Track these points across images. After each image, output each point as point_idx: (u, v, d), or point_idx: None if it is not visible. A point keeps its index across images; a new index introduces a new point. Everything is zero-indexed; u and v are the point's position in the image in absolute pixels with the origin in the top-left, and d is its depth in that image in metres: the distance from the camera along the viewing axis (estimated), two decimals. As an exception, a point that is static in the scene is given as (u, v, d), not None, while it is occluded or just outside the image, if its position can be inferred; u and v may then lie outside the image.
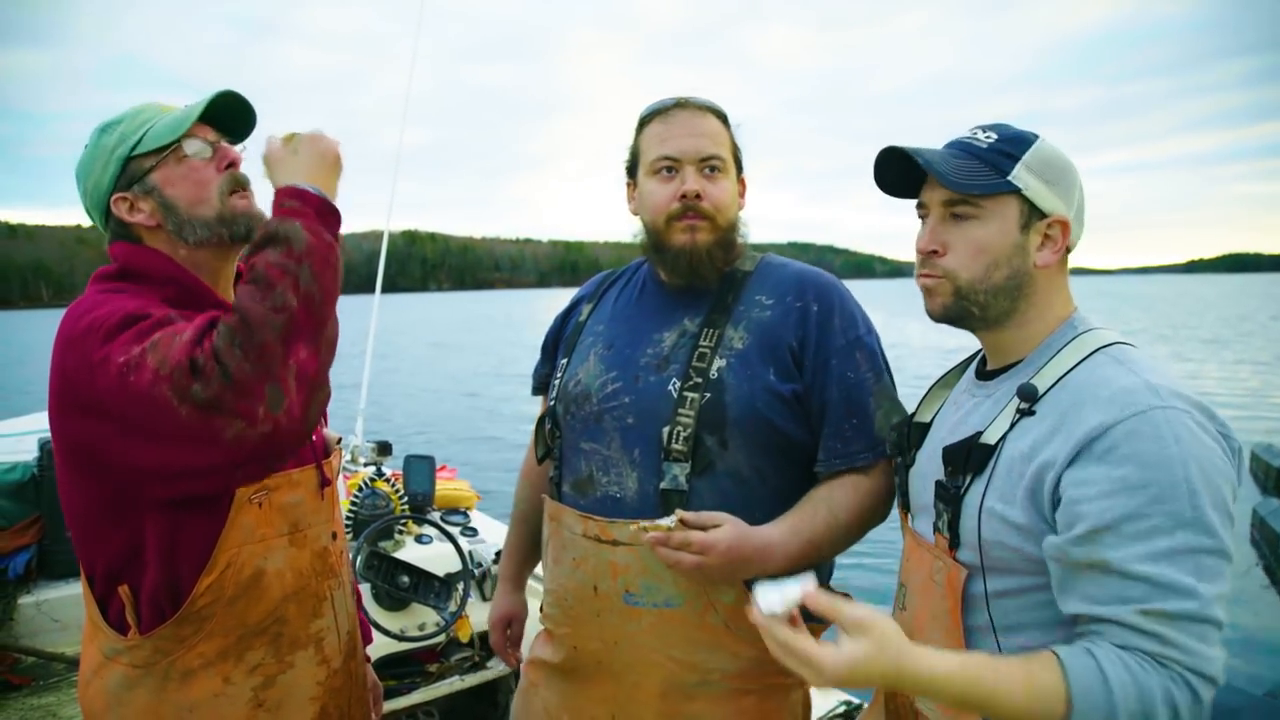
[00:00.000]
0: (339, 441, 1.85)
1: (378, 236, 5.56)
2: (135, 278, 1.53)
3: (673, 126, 1.79)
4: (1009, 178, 1.31)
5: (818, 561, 1.70)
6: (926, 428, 1.55)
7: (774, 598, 1.19)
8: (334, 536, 1.71)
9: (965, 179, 1.32)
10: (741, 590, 1.68)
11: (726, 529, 1.57)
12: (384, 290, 5.59)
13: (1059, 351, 1.32)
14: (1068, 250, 1.37)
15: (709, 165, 1.77)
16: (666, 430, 1.70)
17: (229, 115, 1.60)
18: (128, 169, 1.52)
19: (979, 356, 1.52)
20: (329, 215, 1.45)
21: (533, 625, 2.08)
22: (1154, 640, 1.13)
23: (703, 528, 1.57)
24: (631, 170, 1.88)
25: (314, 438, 1.70)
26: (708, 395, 1.70)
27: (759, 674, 1.74)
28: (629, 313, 1.91)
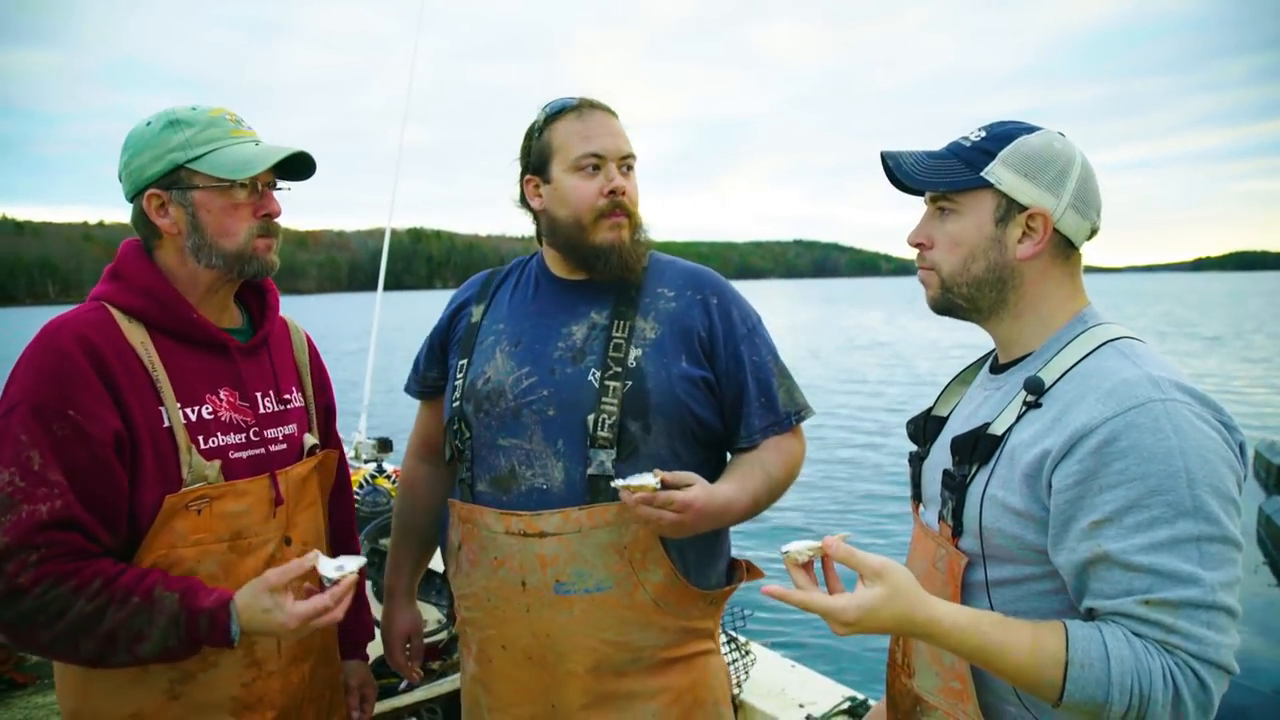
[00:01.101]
0: (313, 448, 1.86)
1: (382, 234, 5.57)
2: (120, 279, 1.62)
3: (592, 125, 1.83)
4: (982, 173, 1.35)
5: (755, 515, 1.82)
6: (944, 422, 1.57)
7: (794, 544, 1.27)
8: (288, 542, 1.72)
9: (932, 177, 1.39)
10: (669, 568, 1.78)
11: (698, 488, 1.63)
12: (389, 288, 5.59)
13: (1067, 345, 1.33)
14: (1069, 242, 1.36)
15: (626, 164, 1.85)
16: (591, 418, 1.76)
17: (290, 158, 1.65)
18: (176, 173, 1.58)
19: (994, 351, 1.53)
20: (200, 643, 1.51)
21: None
22: (1158, 629, 1.15)
23: (678, 486, 1.62)
24: (539, 167, 1.87)
25: (282, 445, 1.75)
26: (629, 383, 1.78)
27: (683, 643, 1.85)
28: (529, 309, 1.94)
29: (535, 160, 1.88)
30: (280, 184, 1.71)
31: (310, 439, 1.85)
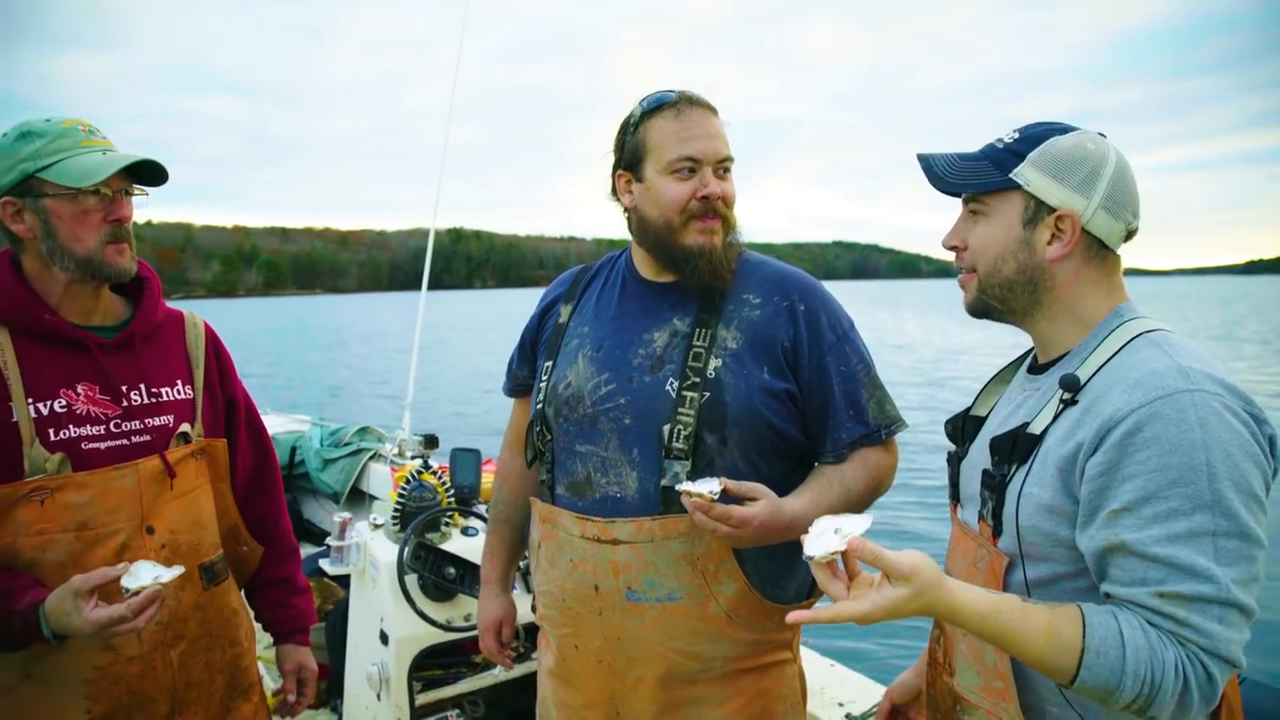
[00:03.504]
0: (184, 436, 1.90)
1: (423, 234, 5.64)
2: None
3: (691, 125, 1.78)
4: (1010, 174, 1.35)
5: None
6: (982, 422, 1.57)
7: (816, 545, 1.24)
8: (150, 531, 1.79)
9: (963, 178, 1.39)
10: (743, 582, 1.76)
11: (763, 504, 1.61)
12: (429, 287, 5.64)
13: (1103, 341, 1.33)
14: (1103, 244, 1.36)
15: (723, 167, 1.81)
16: (667, 429, 1.74)
17: (144, 163, 1.75)
18: (27, 182, 1.68)
19: (1033, 351, 1.53)
20: (21, 641, 1.62)
21: None
22: (1171, 621, 1.16)
23: (740, 498, 1.61)
24: (633, 163, 1.83)
25: (146, 436, 1.81)
26: (707, 394, 1.74)
27: (757, 654, 1.82)
28: (614, 313, 1.92)
29: (629, 156, 1.84)
30: (136, 189, 1.80)
31: (187, 429, 1.90)
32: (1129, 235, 1.37)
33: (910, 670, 1.82)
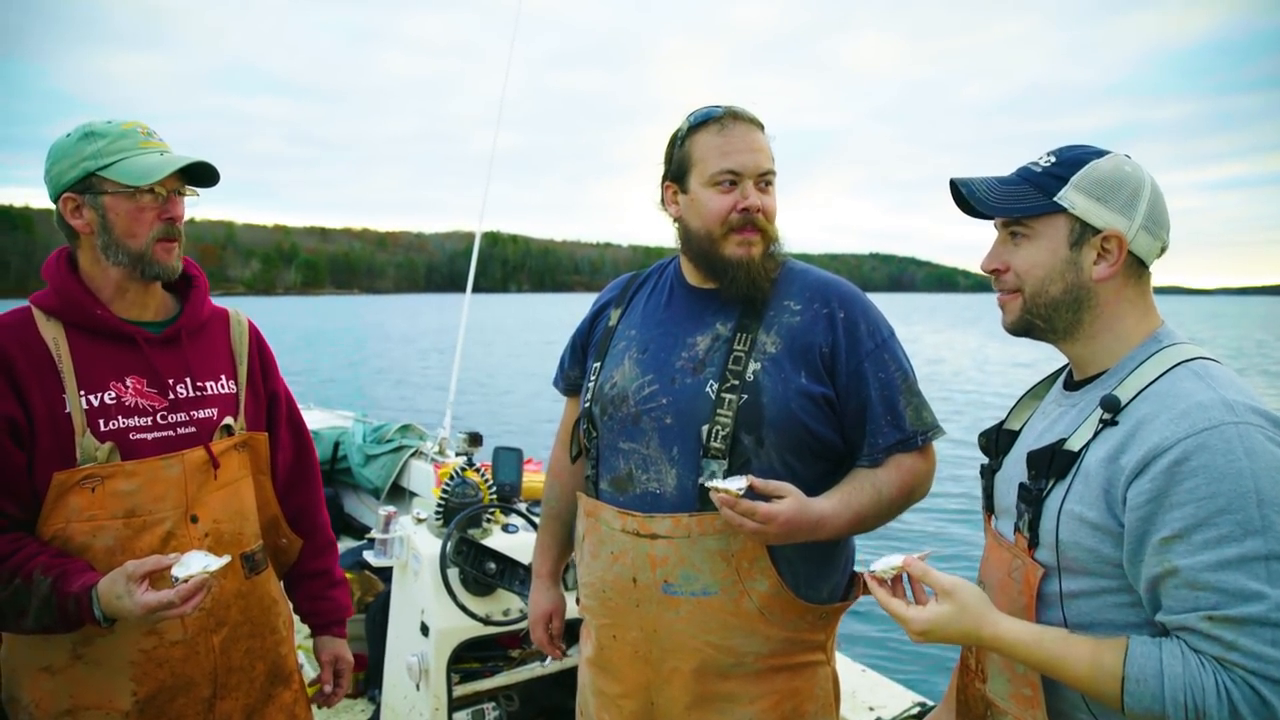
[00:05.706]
0: (227, 429, 1.94)
1: (460, 237, 5.73)
2: (46, 283, 1.83)
3: (733, 140, 1.84)
4: (1055, 198, 1.38)
5: (863, 532, 1.85)
6: (1015, 435, 1.60)
7: (880, 562, 1.43)
8: (194, 520, 1.85)
9: (1006, 203, 1.42)
10: (775, 579, 1.81)
11: (789, 502, 1.66)
12: (465, 290, 5.72)
13: (1142, 364, 1.36)
14: (1142, 263, 1.40)
15: (764, 180, 1.86)
16: (705, 429, 1.80)
17: (197, 165, 1.83)
18: (88, 179, 1.77)
19: (1067, 368, 1.56)
20: (74, 622, 1.67)
21: None
22: (1218, 645, 1.18)
23: (768, 496, 1.65)
24: (679, 175, 1.91)
25: (191, 428, 1.88)
26: (745, 397, 1.80)
27: (789, 653, 1.87)
28: (660, 317, 1.98)
29: (675, 169, 1.92)
30: (188, 189, 1.88)
31: (230, 422, 1.96)
32: (1161, 252, 1.42)
33: (942, 707, 1.84)
